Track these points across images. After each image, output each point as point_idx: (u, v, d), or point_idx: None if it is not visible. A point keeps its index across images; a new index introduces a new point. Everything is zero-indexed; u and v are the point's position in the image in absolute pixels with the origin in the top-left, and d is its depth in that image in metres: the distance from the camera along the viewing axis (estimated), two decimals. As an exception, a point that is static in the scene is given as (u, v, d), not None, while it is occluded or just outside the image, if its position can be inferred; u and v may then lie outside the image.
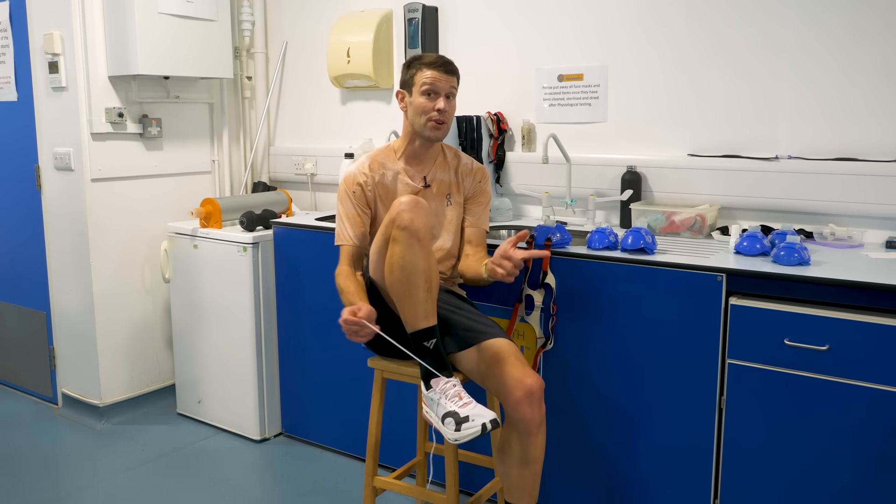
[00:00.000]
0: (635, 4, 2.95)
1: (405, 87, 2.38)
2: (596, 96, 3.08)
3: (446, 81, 2.33)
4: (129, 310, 3.65)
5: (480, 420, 2.00)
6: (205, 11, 3.56)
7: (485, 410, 2.02)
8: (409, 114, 2.38)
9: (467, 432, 2.00)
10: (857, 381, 2.04)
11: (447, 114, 2.35)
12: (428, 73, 2.32)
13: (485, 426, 1.99)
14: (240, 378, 3.37)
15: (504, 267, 2.15)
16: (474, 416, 2.00)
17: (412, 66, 2.36)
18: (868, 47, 2.54)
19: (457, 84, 2.39)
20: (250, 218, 3.32)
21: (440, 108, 2.32)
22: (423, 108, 2.33)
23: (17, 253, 3.85)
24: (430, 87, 2.31)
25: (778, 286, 2.16)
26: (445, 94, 2.34)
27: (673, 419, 2.37)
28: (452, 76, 2.36)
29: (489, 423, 2.00)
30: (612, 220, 3.08)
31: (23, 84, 3.62)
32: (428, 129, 2.35)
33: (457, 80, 2.38)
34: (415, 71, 2.34)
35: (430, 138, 2.37)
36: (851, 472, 2.08)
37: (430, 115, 2.33)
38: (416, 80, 2.33)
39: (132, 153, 3.59)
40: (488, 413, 2.02)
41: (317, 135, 3.95)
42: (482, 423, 1.99)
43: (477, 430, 1.99)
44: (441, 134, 2.38)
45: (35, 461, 3.23)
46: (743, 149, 2.79)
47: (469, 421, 2.00)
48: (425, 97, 2.32)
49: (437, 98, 2.33)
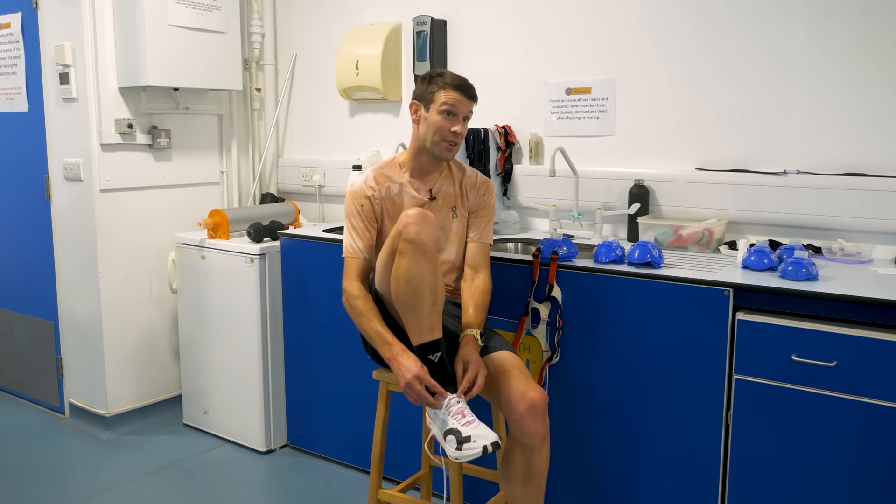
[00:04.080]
0: (644, 18, 2.96)
1: (421, 100, 2.35)
2: (604, 110, 3.08)
3: (466, 105, 2.32)
4: (137, 320, 3.66)
5: (482, 442, 2.00)
6: (215, 24, 3.58)
7: (487, 431, 2.03)
8: (422, 128, 2.36)
9: (468, 453, 2.00)
10: (865, 397, 2.02)
11: (461, 136, 2.34)
12: (452, 95, 2.28)
13: (486, 448, 2.00)
14: (246, 389, 3.38)
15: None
16: (476, 437, 2.01)
17: (434, 83, 2.32)
18: (876, 62, 2.53)
19: (473, 109, 2.37)
20: (258, 229, 3.33)
21: (456, 131, 2.31)
22: (439, 127, 2.30)
23: (26, 262, 3.87)
24: (450, 108, 2.29)
25: (786, 301, 2.15)
26: (463, 117, 2.33)
27: (679, 434, 2.36)
28: (473, 101, 2.34)
29: (490, 445, 2.00)
30: (619, 233, 3.07)
31: (34, 95, 3.65)
32: (440, 148, 2.33)
33: (475, 105, 2.37)
34: (437, 88, 2.30)
35: (439, 157, 2.36)
36: (859, 489, 2.06)
37: (444, 136, 2.31)
38: (436, 97, 2.30)
39: (141, 164, 3.61)
40: (490, 434, 2.02)
41: (325, 146, 3.97)
42: (483, 446, 2.00)
43: (478, 451, 2.00)
44: (452, 155, 2.37)
45: (41, 471, 3.23)
46: (751, 163, 2.78)
47: (471, 441, 2.00)
48: (443, 116, 2.29)
49: (455, 120, 2.31)
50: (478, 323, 2.29)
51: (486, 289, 2.38)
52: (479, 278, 2.39)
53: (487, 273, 2.42)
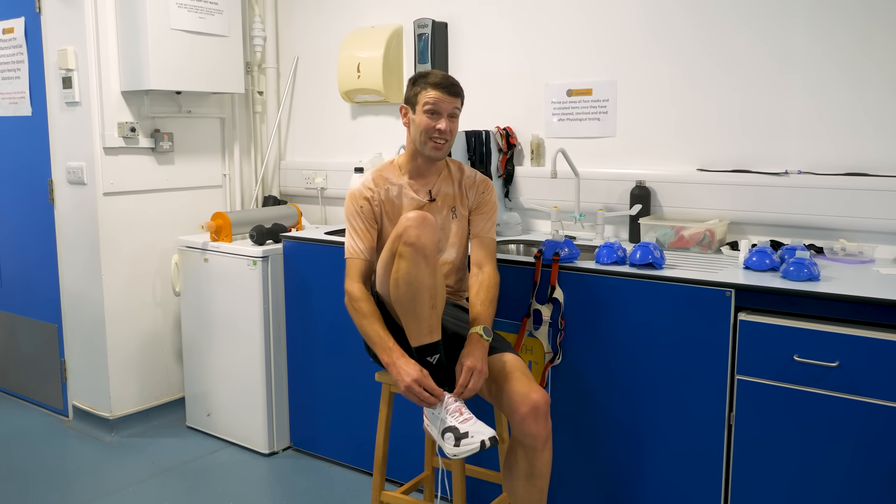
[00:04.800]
0: (645, 20, 2.96)
1: (409, 103, 2.37)
2: (605, 111, 3.08)
3: (449, 102, 2.31)
4: (140, 323, 3.67)
5: (479, 437, 2.02)
6: (217, 27, 3.59)
7: (484, 427, 2.04)
8: (412, 130, 2.37)
9: (466, 448, 2.02)
10: (867, 398, 2.02)
11: (448, 133, 2.34)
12: (431, 94, 2.30)
13: (483, 443, 2.01)
14: (249, 391, 3.38)
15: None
16: (473, 433, 2.02)
17: (417, 84, 2.34)
18: (878, 62, 2.53)
19: (460, 105, 2.37)
20: (260, 232, 3.34)
21: (441, 128, 2.31)
22: (425, 126, 2.31)
23: (30, 266, 3.88)
24: (432, 106, 2.30)
25: (787, 302, 2.15)
26: (448, 115, 2.32)
27: (681, 435, 2.36)
28: (456, 98, 2.34)
29: (488, 440, 2.01)
30: (620, 234, 3.07)
31: (37, 99, 3.66)
32: (428, 148, 2.34)
33: (461, 102, 2.36)
34: (419, 89, 2.32)
35: (430, 157, 2.37)
36: (862, 489, 2.05)
37: (431, 135, 2.32)
38: (419, 98, 2.32)
39: (144, 167, 3.62)
40: (487, 430, 2.03)
41: (327, 149, 3.97)
42: (481, 441, 2.01)
43: (475, 446, 2.01)
44: (441, 154, 2.37)
45: (45, 473, 3.24)
46: (752, 164, 2.78)
47: (468, 437, 2.02)
48: (427, 116, 2.30)
49: (439, 118, 2.31)
50: (485, 317, 2.28)
51: (492, 282, 2.37)
52: (485, 272, 2.39)
53: (493, 266, 2.42)
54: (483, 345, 2.21)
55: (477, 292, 2.35)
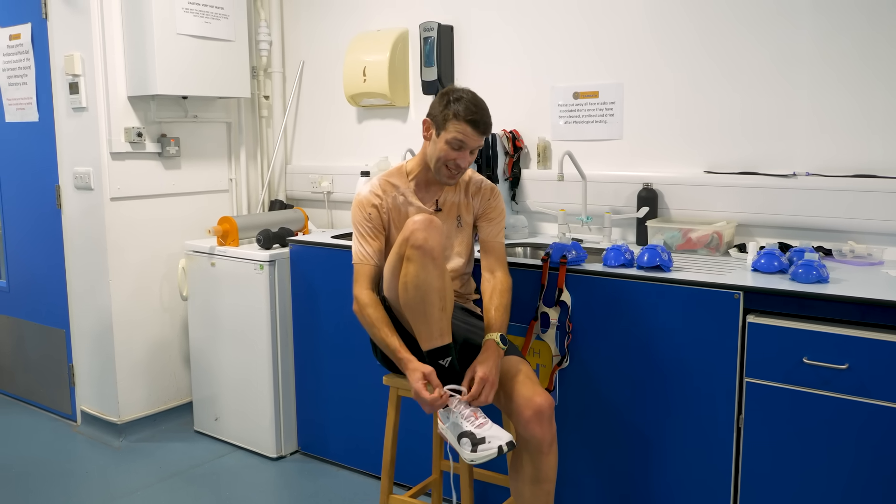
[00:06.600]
0: (650, 22, 2.96)
1: (434, 121, 2.31)
2: (611, 113, 3.08)
3: (476, 141, 2.28)
4: (148, 327, 3.68)
5: (497, 442, 2.00)
6: (223, 32, 3.60)
7: (501, 432, 2.03)
8: (430, 148, 2.33)
9: (484, 454, 2.00)
10: (877, 400, 2.01)
11: (465, 169, 2.33)
12: (462, 128, 2.24)
13: (501, 448, 2.00)
14: (256, 396, 3.38)
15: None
16: (490, 438, 2.01)
17: (449, 108, 2.26)
18: (883, 64, 2.52)
19: (484, 141, 2.34)
20: (267, 236, 3.34)
21: (460, 165, 2.29)
22: (445, 155, 2.28)
23: (38, 271, 3.90)
24: (460, 143, 2.26)
25: (796, 304, 2.14)
26: (470, 151, 2.30)
27: (690, 438, 2.35)
28: (484, 137, 2.30)
29: (506, 444, 2.00)
30: (628, 237, 3.06)
31: (44, 104, 3.67)
32: (442, 175, 2.33)
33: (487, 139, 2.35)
34: (450, 115, 2.25)
35: (440, 182, 2.37)
36: (872, 491, 2.04)
37: (448, 165, 2.30)
38: (448, 126, 2.25)
39: (151, 172, 3.63)
40: (504, 435, 2.02)
41: (333, 153, 3.98)
42: (498, 446, 2.00)
43: (493, 452, 2.00)
44: (453, 182, 2.36)
45: (53, 478, 3.25)
46: (759, 166, 2.78)
47: (486, 443, 2.00)
48: (450, 147, 2.26)
49: (462, 154, 2.28)
50: (500, 324, 2.27)
51: (506, 287, 2.36)
52: (497, 277, 2.38)
53: (505, 271, 2.41)
54: (499, 353, 2.19)
55: (491, 297, 2.34)
